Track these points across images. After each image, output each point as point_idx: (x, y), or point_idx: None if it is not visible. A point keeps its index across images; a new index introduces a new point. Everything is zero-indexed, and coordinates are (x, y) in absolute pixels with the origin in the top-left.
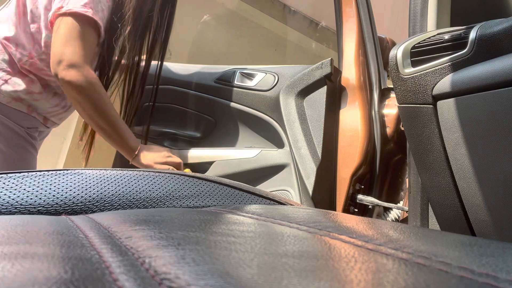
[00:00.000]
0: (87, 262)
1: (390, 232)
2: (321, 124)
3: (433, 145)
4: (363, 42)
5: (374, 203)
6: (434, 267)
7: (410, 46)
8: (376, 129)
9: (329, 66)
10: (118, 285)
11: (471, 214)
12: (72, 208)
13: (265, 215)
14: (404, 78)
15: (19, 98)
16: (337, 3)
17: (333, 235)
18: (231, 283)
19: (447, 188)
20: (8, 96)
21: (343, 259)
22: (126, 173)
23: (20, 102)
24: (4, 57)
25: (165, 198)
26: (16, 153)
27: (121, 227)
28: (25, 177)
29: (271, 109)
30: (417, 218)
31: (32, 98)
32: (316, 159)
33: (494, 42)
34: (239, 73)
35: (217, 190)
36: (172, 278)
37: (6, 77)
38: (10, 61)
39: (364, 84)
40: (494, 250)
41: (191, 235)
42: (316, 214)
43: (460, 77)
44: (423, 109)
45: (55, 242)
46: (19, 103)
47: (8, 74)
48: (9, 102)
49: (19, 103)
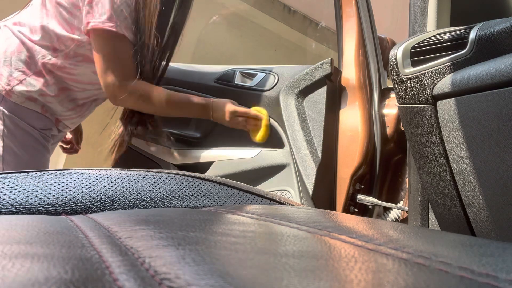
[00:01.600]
0: (87, 262)
1: (390, 232)
2: (321, 124)
3: (433, 145)
4: (363, 42)
5: (374, 203)
6: (434, 267)
7: (410, 46)
8: (376, 129)
9: (329, 66)
10: (118, 285)
11: (471, 214)
12: (72, 208)
13: (265, 215)
14: (404, 78)
15: (33, 98)
16: (337, 3)
17: (333, 235)
18: (231, 283)
19: (447, 188)
20: (22, 96)
21: (343, 259)
22: (126, 173)
23: (34, 102)
24: (21, 57)
25: (165, 198)
26: (28, 154)
27: (121, 227)
28: (25, 177)
29: (271, 109)
30: (417, 218)
31: (46, 100)
32: (316, 159)
33: (494, 42)
34: (239, 73)
35: (217, 190)
36: (172, 278)
37: (22, 77)
38: (27, 61)
39: (364, 84)
40: (494, 250)
41: (191, 235)
42: (316, 214)
43: (460, 77)
44: (423, 109)
45: (55, 242)
46: (32, 103)
47: (24, 74)
48: (23, 102)
49: (32, 103)
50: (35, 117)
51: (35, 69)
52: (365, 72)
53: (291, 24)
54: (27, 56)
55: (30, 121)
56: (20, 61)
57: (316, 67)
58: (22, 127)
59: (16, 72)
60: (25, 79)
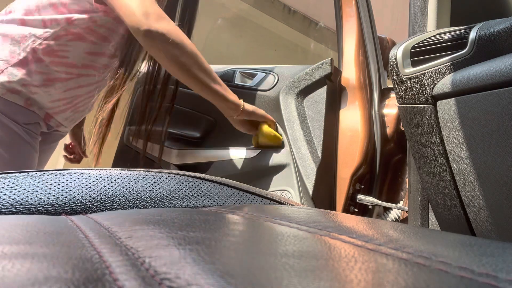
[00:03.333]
0: (87, 262)
1: (390, 232)
2: (321, 124)
3: (433, 145)
4: (363, 42)
5: (374, 203)
6: (434, 267)
7: (410, 46)
8: (376, 129)
9: (329, 66)
10: (118, 285)
11: (471, 214)
12: (72, 208)
13: (265, 215)
14: (404, 78)
15: (15, 90)
16: (337, 3)
17: (333, 235)
18: (231, 283)
19: (447, 188)
20: (2, 87)
21: (343, 259)
22: (126, 173)
23: (17, 94)
24: (5, 46)
25: (165, 198)
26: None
27: (121, 227)
28: (25, 177)
29: (271, 109)
30: (417, 218)
31: (29, 91)
32: (316, 159)
33: (494, 42)
34: (239, 73)
35: (217, 190)
36: (172, 278)
37: (3, 66)
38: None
39: (364, 84)
40: (494, 250)
41: (191, 235)
42: (316, 214)
43: (460, 77)
44: (423, 109)
45: (55, 242)
46: (15, 95)
47: (6, 63)
48: (4, 94)
49: (15, 95)
50: (18, 111)
51: (18, 57)
52: (365, 72)
53: (291, 24)
54: (13, 43)
55: (12, 115)
56: (3, 50)
57: (316, 67)
58: (3, 122)
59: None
60: (7, 68)
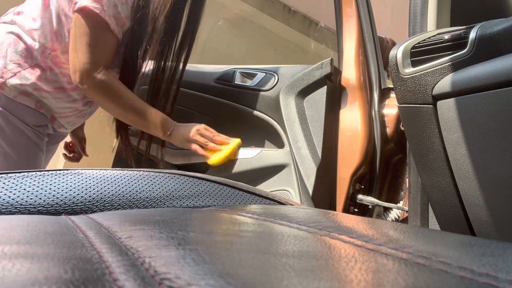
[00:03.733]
0: (87, 262)
1: (390, 232)
2: (321, 124)
3: (433, 145)
4: (363, 42)
5: (374, 203)
6: (434, 267)
7: (410, 46)
8: (376, 129)
9: (329, 66)
10: (118, 285)
11: (471, 214)
12: (72, 208)
13: (265, 215)
14: (404, 78)
15: (27, 93)
16: (337, 3)
17: (333, 235)
18: (231, 283)
19: (447, 188)
20: (15, 89)
21: (343, 259)
22: (126, 173)
23: (28, 96)
24: (17, 49)
25: (165, 198)
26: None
27: (121, 227)
28: (25, 177)
29: (271, 109)
30: (417, 218)
31: (40, 95)
32: (316, 159)
33: (494, 42)
34: (239, 73)
35: (217, 190)
36: (172, 278)
37: (16, 69)
38: (24, 54)
39: (364, 84)
40: (494, 250)
41: (191, 235)
42: (316, 214)
43: (460, 77)
44: (423, 109)
45: (55, 242)
46: (26, 98)
47: (19, 67)
48: (16, 97)
49: (26, 98)
50: (28, 113)
51: (31, 62)
52: (365, 72)
53: (291, 24)
54: (24, 48)
55: (23, 117)
56: (16, 54)
57: (316, 67)
58: (14, 124)
59: (11, 64)
60: (20, 71)
